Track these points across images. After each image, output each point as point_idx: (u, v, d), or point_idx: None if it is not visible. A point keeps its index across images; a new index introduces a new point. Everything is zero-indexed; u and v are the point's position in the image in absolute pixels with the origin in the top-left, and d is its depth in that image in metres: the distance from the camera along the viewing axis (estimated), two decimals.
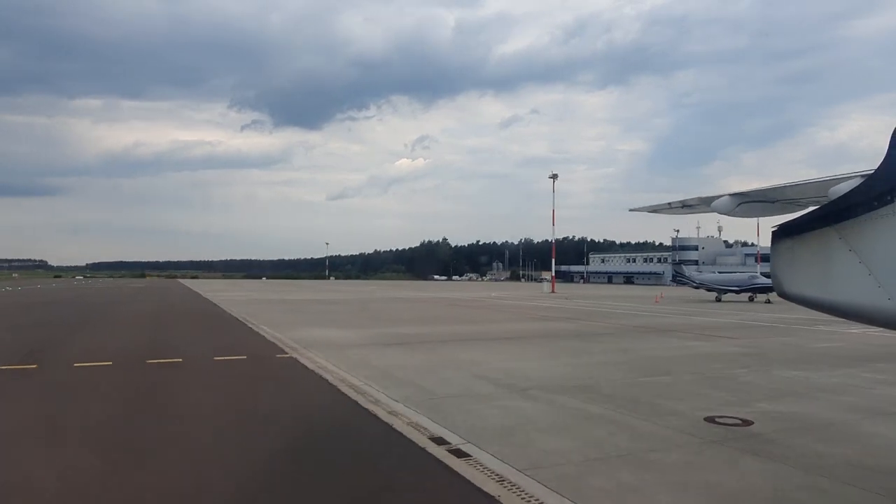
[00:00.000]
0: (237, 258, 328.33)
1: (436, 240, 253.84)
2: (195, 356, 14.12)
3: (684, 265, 54.64)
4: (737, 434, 7.45)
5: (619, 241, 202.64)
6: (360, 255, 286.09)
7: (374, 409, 8.76)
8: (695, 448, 6.85)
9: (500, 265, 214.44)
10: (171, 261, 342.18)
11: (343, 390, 10.08)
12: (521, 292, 66.27)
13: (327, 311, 30.89)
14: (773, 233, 5.20)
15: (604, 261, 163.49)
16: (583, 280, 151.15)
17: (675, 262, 57.01)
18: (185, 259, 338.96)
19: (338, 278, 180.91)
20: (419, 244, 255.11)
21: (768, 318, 27.44)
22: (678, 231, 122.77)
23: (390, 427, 7.70)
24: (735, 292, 45.66)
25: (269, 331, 19.76)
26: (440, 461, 6.33)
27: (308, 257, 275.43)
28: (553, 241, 77.79)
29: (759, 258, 69.89)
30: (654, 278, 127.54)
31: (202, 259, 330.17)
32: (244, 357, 14.01)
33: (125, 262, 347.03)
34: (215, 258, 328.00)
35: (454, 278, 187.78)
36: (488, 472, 5.94)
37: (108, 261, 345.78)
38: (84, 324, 23.66)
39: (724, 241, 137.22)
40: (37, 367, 12.37)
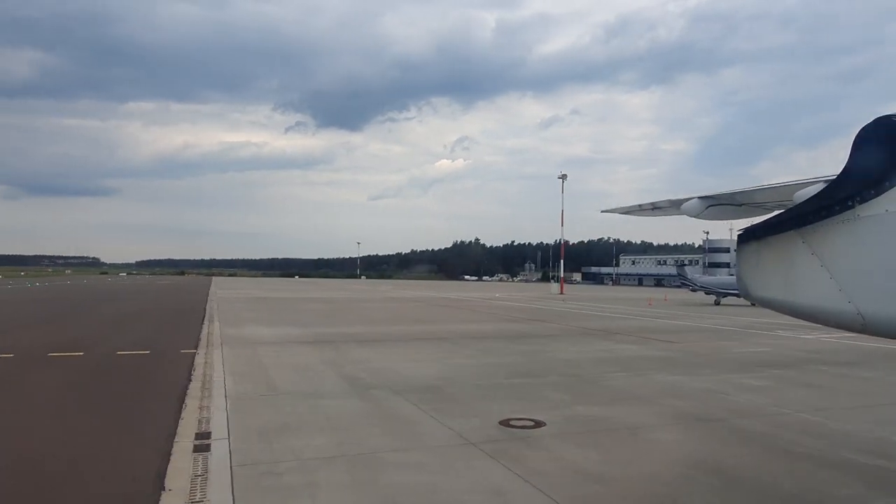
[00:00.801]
0: (279, 257, 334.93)
1: (468, 240, 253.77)
2: (104, 350, 14.60)
3: (688, 267, 53.09)
4: (511, 436, 7.35)
5: (655, 243, 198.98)
6: (397, 254, 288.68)
7: (188, 401, 8.98)
8: (447, 450, 6.78)
9: (533, 266, 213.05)
10: (217, 259, 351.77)
11: (189, 387, 10.26)
12: (528, 293, 65.74)
13: (301, 310, 31.31)
14: (739, 236, 5.30)
15: (634, 263, 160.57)
16: (612, 282, 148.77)
17: (678, 265, 55.25)
18: (229, 257, 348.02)
19: (370, 277, 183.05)
20: (451, 245, 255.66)
21: (740, 322, 26.57)
22: (707, 233, 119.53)
23: (176, 421, 7.87)
24: (735, 295, 44.27)
25: (216, 327, 20.34)
26: (168, 455, 6.44)
27: (346, 256, 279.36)
28: (562, 243, 77.30)
29: None
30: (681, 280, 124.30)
31: (246, 258, 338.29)
32: (147, 352, 14.39)
33: (173, 259, 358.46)
34: (258, 257, 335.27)
35: (484, 279, 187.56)
36: (200, 467, 6.06)
37: (157, 258, 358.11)
38: (59, 317, 24.65)
39: None
40: None
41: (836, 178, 4.49)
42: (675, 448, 7.00)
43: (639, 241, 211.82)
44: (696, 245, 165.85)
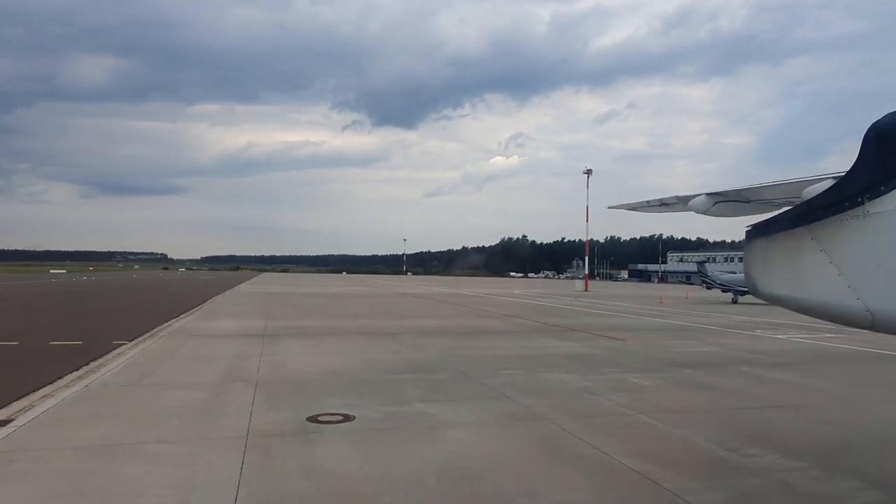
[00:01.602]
0: (336, 253, 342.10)
1: (516, 237, 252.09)
2: (40, 340, 15.26)
3: (709, 264, 50.69)
4: (298, 430, 7.25)
5: (711, 240, 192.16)
6: (448, 251, 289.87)
7: (45, 390, 9.30)
8: (216, 443, 6.74)
9: (580, 263, 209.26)
10: (276, 255, 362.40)
11: (66, 377, 10.56)
12: (551, 290, 64.76)
13: (291, 305, 31.76)
14: (748, 232, 5.33)
15: (682, 260, 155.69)
16: (658, 280, 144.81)
17: (699, 262, 52.82)
18: (288, 254, 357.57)
19: (415, 274, 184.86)
20: (499, 241, 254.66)
21: (729, 321, 25.39)
22: None
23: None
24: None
25: (186, 320, 21.06)
26: None
27: (399, 253, 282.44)
28: (586, 241, 76.31)
29: None
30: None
31: (304, 254, 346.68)
32: (80, 343, 14.95)
33: (235, 255, 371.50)
34: (316, 253, 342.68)
35: (530, 276, 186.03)
36: None
37: (221, 254, 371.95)
38: (46, 308, 25.94)
39: None
40: None
41: (845, 174, 4.46)
42: (445, 449, 6.71)
43: (693, 238, 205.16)
44: None
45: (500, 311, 29.12)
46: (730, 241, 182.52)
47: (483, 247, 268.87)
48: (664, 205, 8.16)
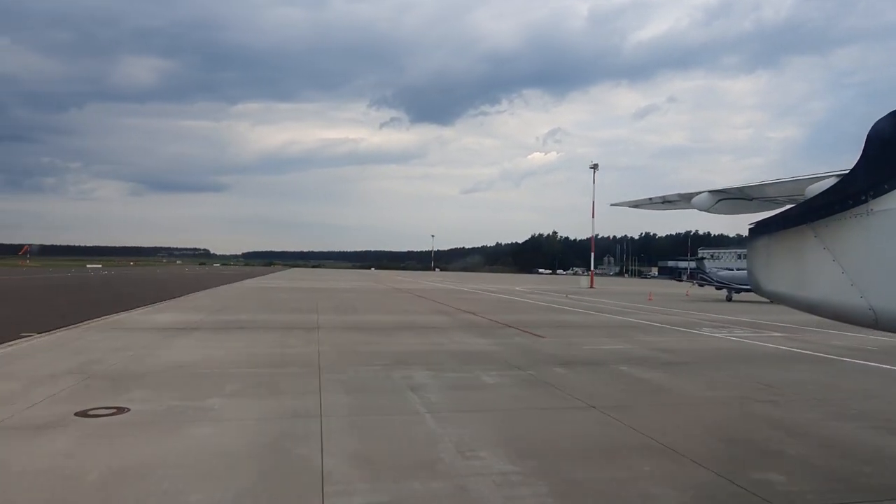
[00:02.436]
0: (372, 249, 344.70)
1: (547, 233, 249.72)
2: None
3: (708, 262, 48.90)
4: (53, 423, 7.18)
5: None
6: (482, 247, 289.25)
7: None
8: None
9: (611, 260, 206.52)
10: (314, 251, 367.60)
11: None
12: (556, 287, 63.77)
13: (265, 299, 32.03)
14: (750, 230, 5.37)
15: (713, 257, 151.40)
16: (686, 277, 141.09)
17: (698, 259, 51.15)
18: (326, 249, 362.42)
19: (443, 270, 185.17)
20: (529, 237, 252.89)
21: (693, 318, 24.45)
22: None
23: None
24: (748, 290, 40.82)
25: (137, 312, 21.49)
26: None
27: (434, 249, 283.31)
28: (592, 237, 75.08)
29: None
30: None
31: (341, 250, 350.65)
32: None
33: (274, 251, 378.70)
34: (352, 249, 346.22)
35: (558, 272, 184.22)
36: None
37: (261, 250, 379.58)
38: (25, 300, 26.73)
39: None
40: None
41: (849, 171, 4.45)
42: (179, 444, 6.54)
43: (733, 235, 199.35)
44: None
45: (465, 308, 28.77)
46: None
47: (516, 243, 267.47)
48: (667, 202, 8.08)
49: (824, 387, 10.68)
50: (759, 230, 5.23)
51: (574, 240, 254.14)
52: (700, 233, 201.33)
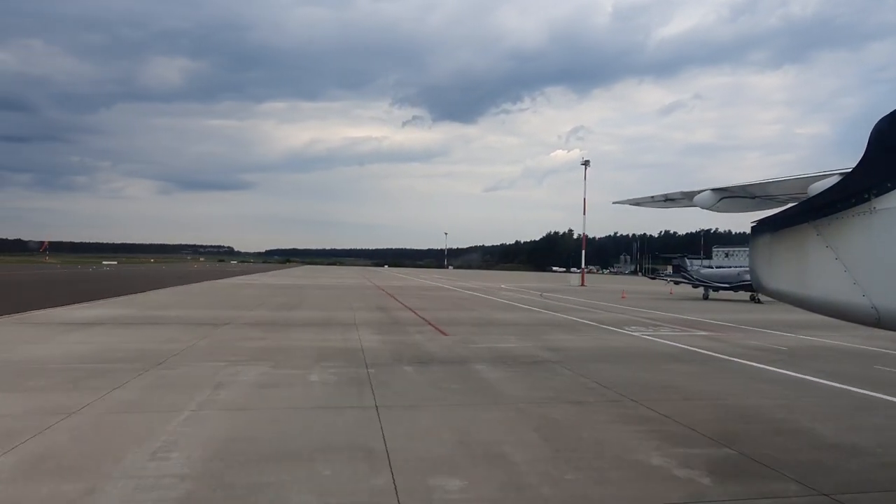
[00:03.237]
0: (394, 247, 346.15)
1: (563, 231, 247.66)
2: None
3: (688, 259, 47.65)
4: None
5: None
6: (501, 245, 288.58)
7: None
8: None
9: (627, 258, 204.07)
10: (337, 248, 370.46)
11: None
12: (546, 285, 63.03)
13: (221, 296, 32.14)
14: (753, 228, 5.42)
15: (728, 255, 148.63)
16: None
17: (679, 256, 49.95)
18: (349, 247, 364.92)
19: (456, 268, 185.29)
20: (545, 235, 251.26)
21: (631, 318, 23.81)
22: None
23: None
24: (725, 289, 39.94)
25: (81, 306, 21.64)
26: None
27: (455, 247, 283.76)
28: (584, 235, 73.98)
29: None
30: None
31: (364, 247, 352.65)
32: None
33: (297, 249, 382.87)
34: (375, 247, 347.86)
35: (572, 270, 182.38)
36: None
37: (284, 248, 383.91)
38: None
39: None
40: None
41: (852, 170, 4.43)
42: None
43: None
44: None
45: (412, 305, 28.51)
46: None
47: (533, 241, 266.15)
48: (669, 200, 8.02)
49: (660, 387, 10.15)
50: (761, 228, 5.20)
51: (593, 238, 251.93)
52: (721, 231, 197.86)
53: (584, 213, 69.71)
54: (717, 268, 49.25)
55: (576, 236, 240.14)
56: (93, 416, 7.43)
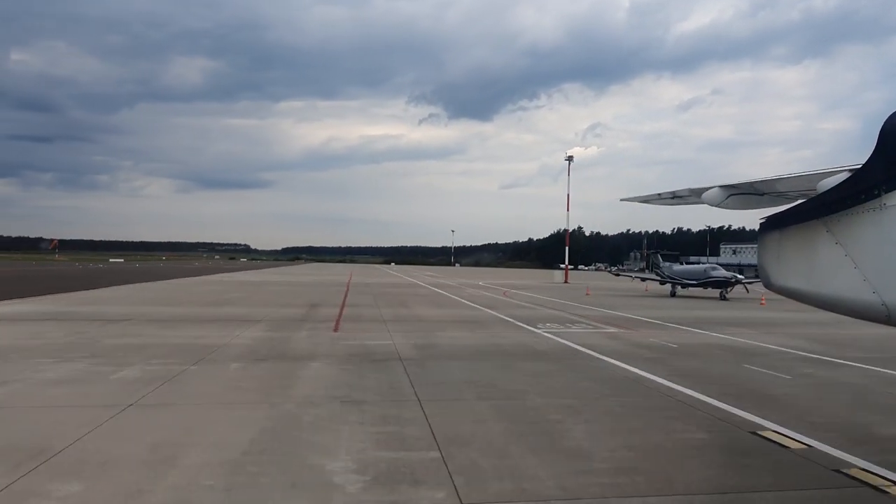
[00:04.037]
0: (408, 244, 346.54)
1: (573, 228, 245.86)
2: None
3: (661, 255, 46.57)
4: None
5: None
6: (514, 242, 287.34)
7: None
8: None
9: (638, 255, 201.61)
10: (352, 246, 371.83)
11: None
12: (527, 281, 62.39)
13: (188, 292, 32.17)
14: (761, 224, 5.41)
15: (735, 252, 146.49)
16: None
17: (653, 253, 48.97)
18: (364, 245, 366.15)
19: (463, 265, 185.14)
20: (553, 233, 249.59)
21: (573, 315, 23.26)
22: None
23: None
24: (693, 285, 39.12)
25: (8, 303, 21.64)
26: None
27: (468, 244, 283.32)
28: (567, 231, 73.16)
29: None
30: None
31: (379, 245, 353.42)
32: None
33: (313, 246, 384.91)
34: (389, 245, 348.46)
35: (580, 268, 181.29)
36: None
37: (300, 245, 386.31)
38: None
39: None
40: None
41: (861, 166, 4.37)
42: None
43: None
44: None
45: (361, 301, 28.28)
46: None
47: (543, 238, 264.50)
48: (677, 197, 7.94)
49: (480, 386, 9.70)
50: (770, 225, 5.14)
51: (606, 235, 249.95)
52: (735, 227, 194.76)
53: (568, 210, 68.98)
54: (686, 265, 48.17)
55: (587, 233, 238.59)
56: None
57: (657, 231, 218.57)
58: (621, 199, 10.42)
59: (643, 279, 46.12)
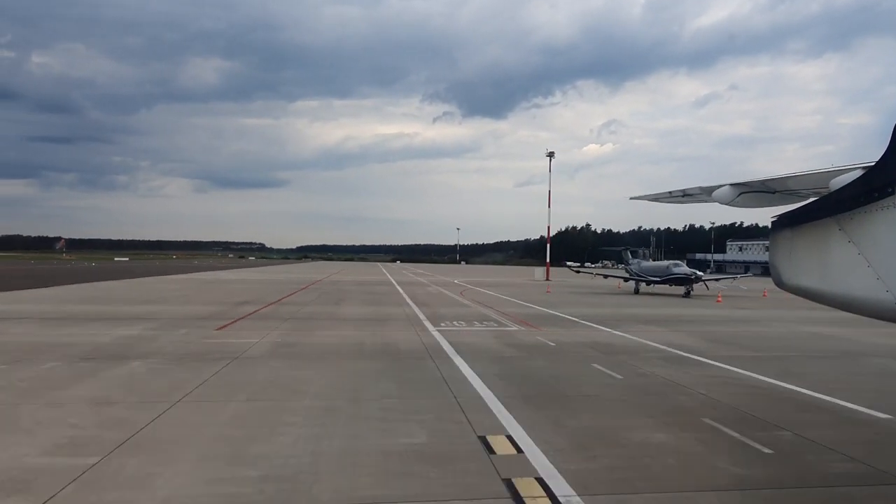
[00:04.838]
0: (422, 243, 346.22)
1: (580, 226, 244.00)
2: None
3: (632, 252, 45.77)
4: None
5: None
6: (525, 240, 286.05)
7: None
8: None
9: (646, 252, 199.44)
10: (366, 244, 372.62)
11: None
12: (508, 279, 61.76)
13: (155, 290, 32.22)
14: (773, 223, 5.38)
15: (742, 249, 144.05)
16: (710, 270, 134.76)
17: (623, 249, 48.16)
18: (377, 243, 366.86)
19: (469, 263, 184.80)
20: (559, 230, 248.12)
21: (518, 314, 22.78)
22: None
23: None
24: (657, 282, 38.39)
25: None
26: None
27: (481, 242, 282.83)
28: (548, 227, 72.60)
29: None
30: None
31: (392, 244, 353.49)
32: None
33: (327, 245, 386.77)
34: (402, 243, 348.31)
35: (587, 265, 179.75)
36: None
37: (314, 244, 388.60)
38: None
39: None
40: None
41: (875, 164, 4.31)
42: None
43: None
44: None
45: (310, 299, 28.08)
46: None
47: (552, 236, 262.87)
48: (687, 195, 7.84)
49: (280, 387, 9.39)
50: (781, 223, 5.09)
51: (617, 232, 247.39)
52: (747, 224, 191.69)
53: (549, 206, 68.21)
54: (652, 261, 47.33)
55: (597, 230, 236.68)
56: None
57: (668, 228, 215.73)
58: (631, 198, 10.23)
59: (605, 276, 45.32)
